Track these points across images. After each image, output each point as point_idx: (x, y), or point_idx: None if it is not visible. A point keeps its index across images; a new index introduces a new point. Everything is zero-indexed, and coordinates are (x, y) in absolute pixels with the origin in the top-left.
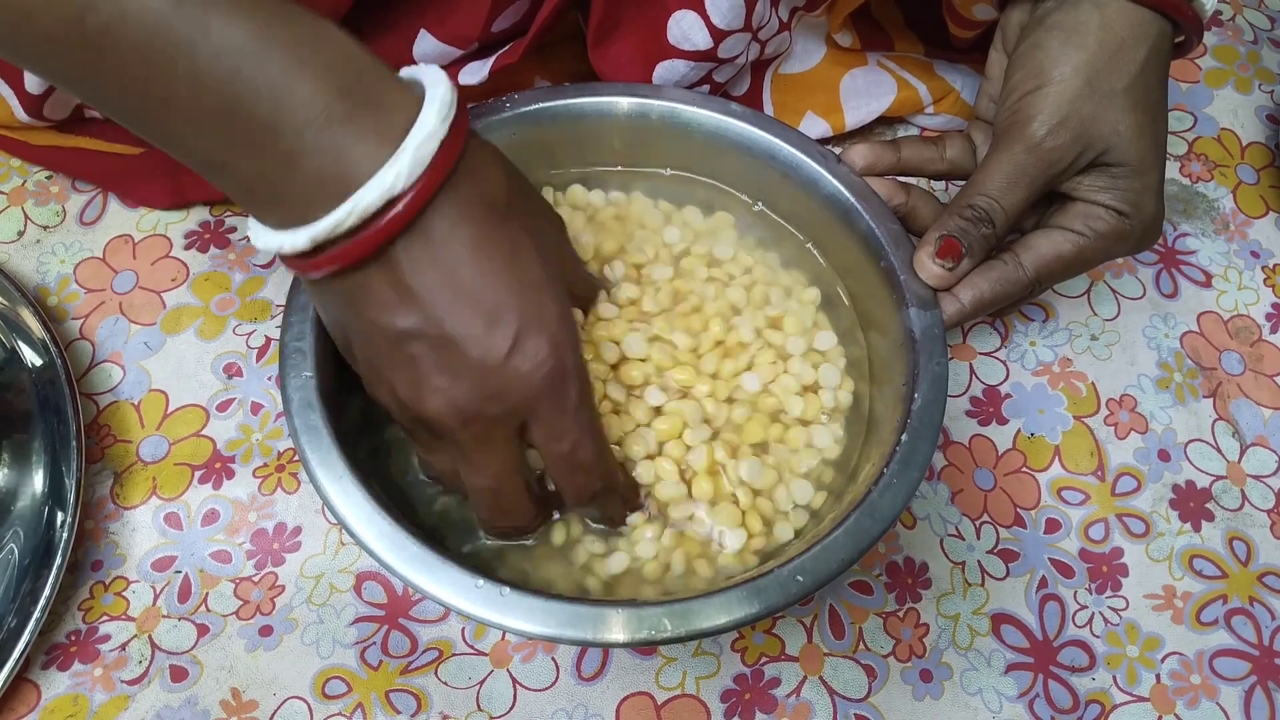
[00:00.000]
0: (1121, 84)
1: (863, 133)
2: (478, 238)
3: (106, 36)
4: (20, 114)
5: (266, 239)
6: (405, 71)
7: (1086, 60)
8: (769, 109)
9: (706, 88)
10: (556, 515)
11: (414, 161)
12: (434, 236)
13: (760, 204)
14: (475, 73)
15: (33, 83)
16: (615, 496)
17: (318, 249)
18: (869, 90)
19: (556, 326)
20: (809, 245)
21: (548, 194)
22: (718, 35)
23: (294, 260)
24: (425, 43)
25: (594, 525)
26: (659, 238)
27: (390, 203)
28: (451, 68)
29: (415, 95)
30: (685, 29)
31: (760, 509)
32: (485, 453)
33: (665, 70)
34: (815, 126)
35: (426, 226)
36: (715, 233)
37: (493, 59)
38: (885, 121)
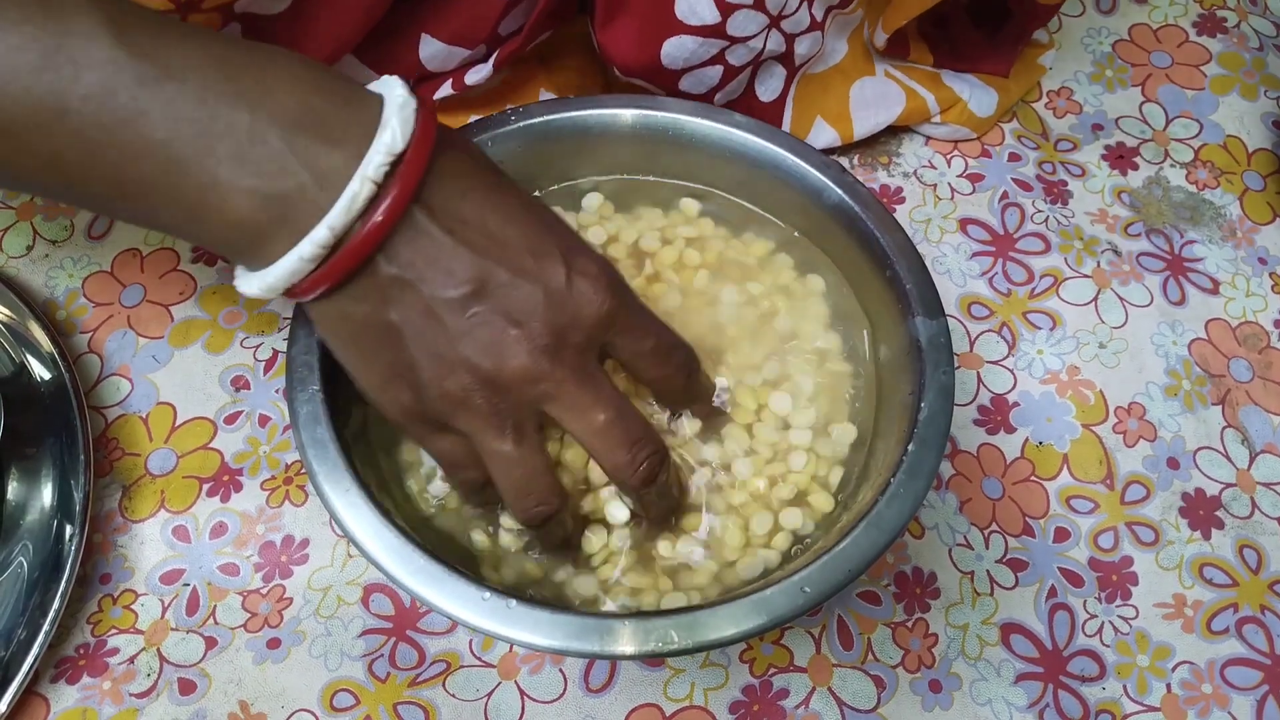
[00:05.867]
0: None
1: (869, 142)
2: (492, 186)
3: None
4: None
5: (281, 268)
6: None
7: None
8: (789, 113)
9: (720, 69)
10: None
11: (402, 121)
12: (451, 195)
13: (761, 213)
14: (480, 72)
15: None
16: (699, 374)
17: (337, 244)
18: (877, 101)
19: (591, 248)
20: (814, 254)
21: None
22: (725, 9)
23: (312, 276)
24: (431, 46)
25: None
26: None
27: (397, 161)
28: (457, 73)
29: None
30: (692, 3)
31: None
32: (589, 389)
33: (673, 47)
34: (824, 134)
35: (443, 186)
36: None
37: (495, 54)
38: (891, 130)
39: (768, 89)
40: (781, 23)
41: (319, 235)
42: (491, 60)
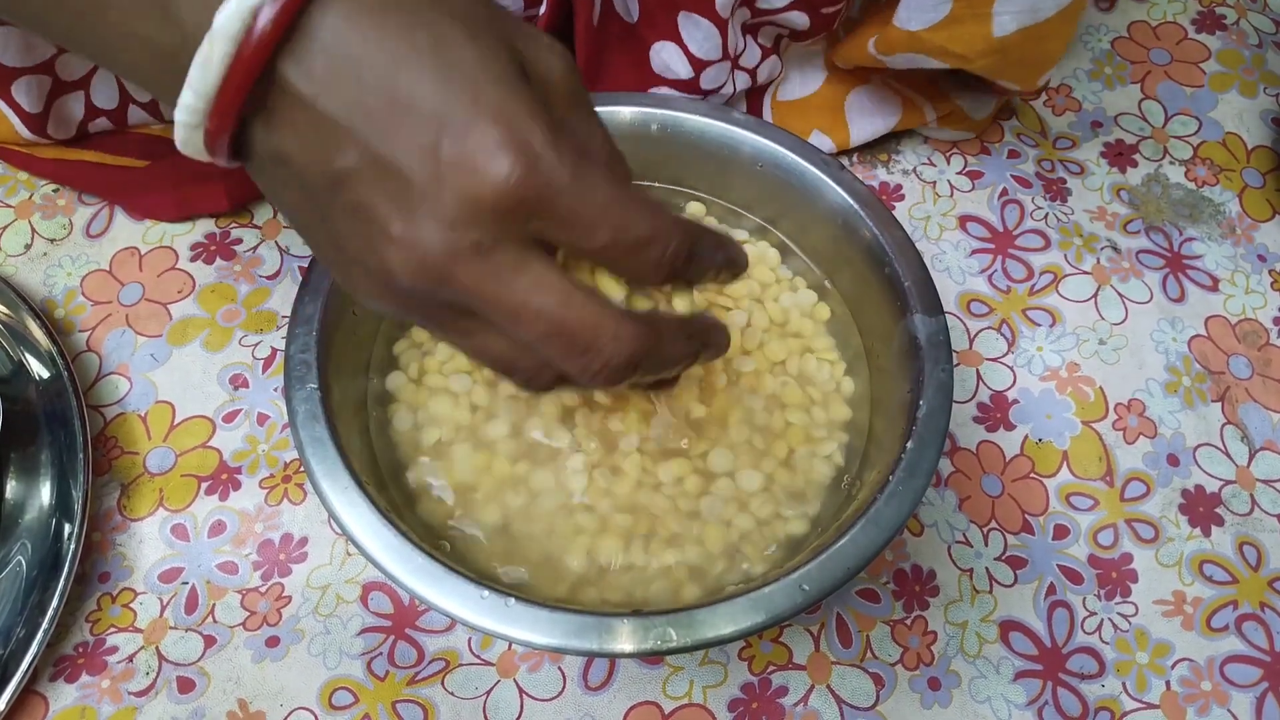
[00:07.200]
0: None
1: (871, 146)
2: (382, 30)
3: None
4: (24, 132)
5: (178, 121)
6: None
7: None
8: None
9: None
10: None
11: None
12: (325, 40)
13: (762, 218)
14: None
15: (29, 101)
16: (711, 248)
17: (216, 101)
18: (875, 109)
19: (502, 102)
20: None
21: None
22: (697, 65)
23: (212, 133)
24: None
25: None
26: None
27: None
28: None
29: None
30: (666, 59)
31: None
32: (505, 298)
33: None
34: (821, 143)
35: (312, 31)
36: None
37: None
38: (894, 139)
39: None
40: (739, 60)
41: (185, 100)
42: None
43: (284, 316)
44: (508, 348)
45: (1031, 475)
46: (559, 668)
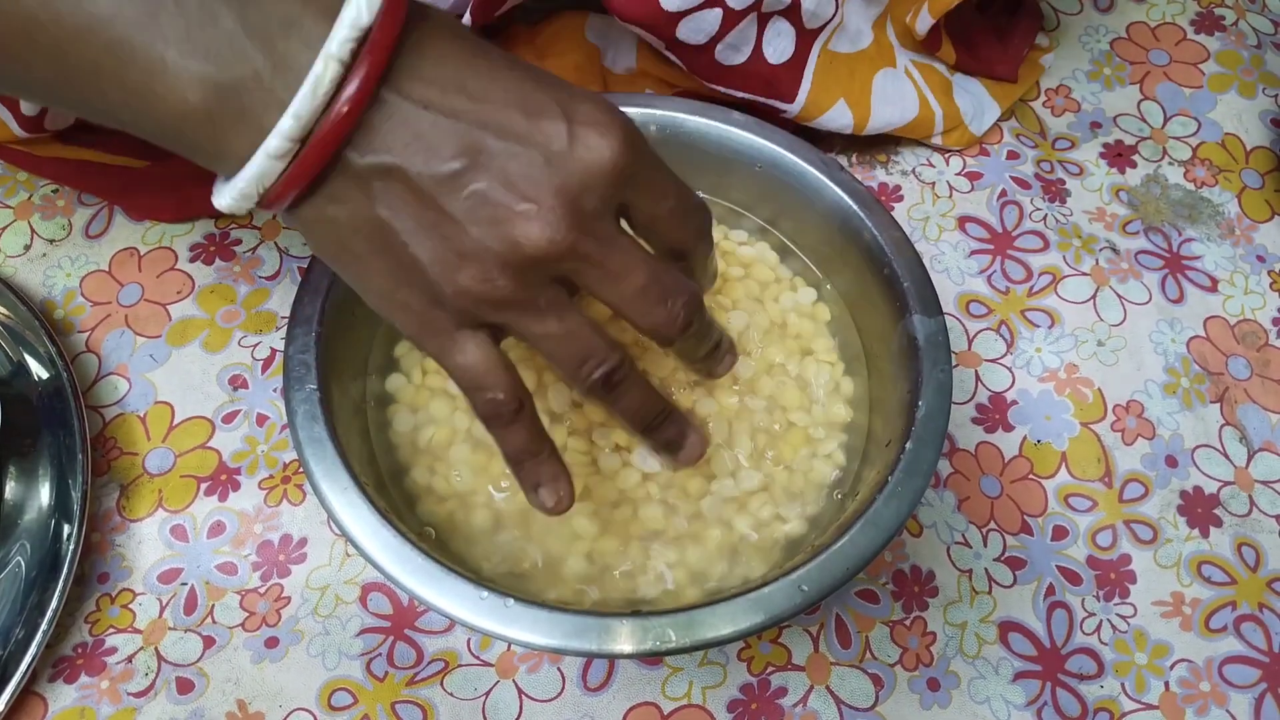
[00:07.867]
0: None
1: (869, 139)
2: (472, 51)
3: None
4: (19, 131)
5: (249, 171)
6: None
7: None
8: (808, 82)
9: (719, 14)
10: None
11: None
12: (426, 66)
13: (762, 219)
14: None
15: (28, 105)
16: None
17: (305, 138)
18: (896, 99)
19: (594, 94)
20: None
21: None
22: None
23: (284, 177)
24: None
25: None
26: None
27: (363, 37)
28: None
29: None
30: None
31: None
32: (617, 255)
33: None
34: (842, 117)
35: (416, 57)
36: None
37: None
38: (892, 140)
39: (776, 50)
40: None
41: (285, 127)
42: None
43: (283, 317)
44: (589, 329)
45: (1030, 476)
46: (558, 668)
